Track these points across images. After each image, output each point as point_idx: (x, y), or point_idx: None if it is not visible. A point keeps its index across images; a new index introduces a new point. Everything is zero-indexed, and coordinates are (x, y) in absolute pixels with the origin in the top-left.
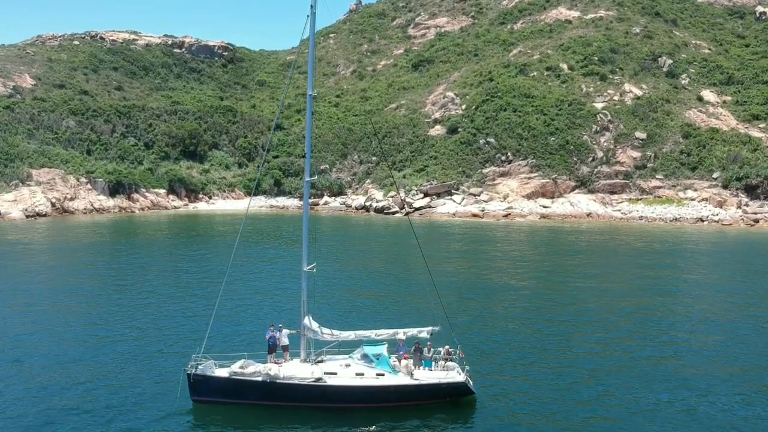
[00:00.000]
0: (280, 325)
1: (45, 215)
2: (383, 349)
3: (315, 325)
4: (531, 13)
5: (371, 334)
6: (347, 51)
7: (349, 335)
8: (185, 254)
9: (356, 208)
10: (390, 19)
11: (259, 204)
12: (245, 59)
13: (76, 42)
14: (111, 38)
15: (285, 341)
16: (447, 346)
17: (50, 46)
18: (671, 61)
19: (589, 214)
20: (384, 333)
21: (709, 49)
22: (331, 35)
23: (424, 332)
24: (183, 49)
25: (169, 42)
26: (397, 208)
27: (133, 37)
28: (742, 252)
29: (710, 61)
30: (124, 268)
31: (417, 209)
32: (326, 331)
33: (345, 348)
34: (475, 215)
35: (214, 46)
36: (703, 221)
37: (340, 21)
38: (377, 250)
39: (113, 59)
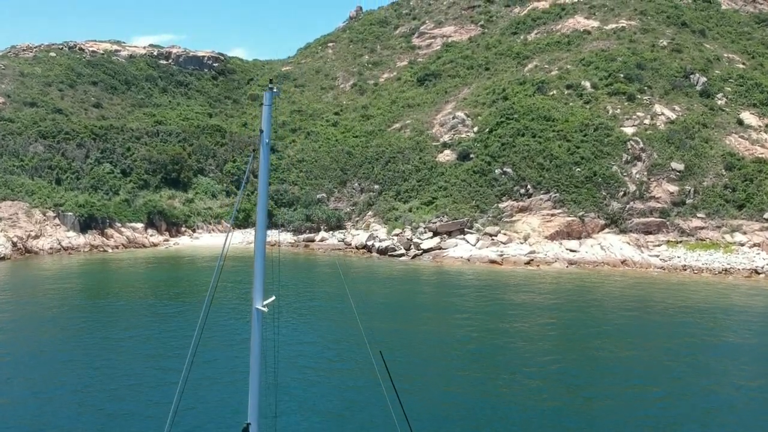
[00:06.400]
0: None
1: (3, 258)
2: None
3: None
4: (545, 22)
5: None
6: (347, 62)
7: None
8: (145, 330)
9: (356, 248)
10: (393, 27)
11: (248, 240)
12: (237, 70)
13: (53, 54)
14: (91, 49)
15: None
16: None
17: (24, 59)
18: (705, 79)
19: (623, 261)
20: None
21: (744, 63)
22: (330, 44)
23: None
24: (170, 60)
25: (155, 53)
26: (403, 250)
27: (115, 47)
28: None
29: (747, 78)
30: (55, 359)
31: (426, 251)
32: None
33: None
34: (492, 261)
35: (204, 56)
36: (758, 273)
37: (339, 29)
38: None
39: (92, 72)
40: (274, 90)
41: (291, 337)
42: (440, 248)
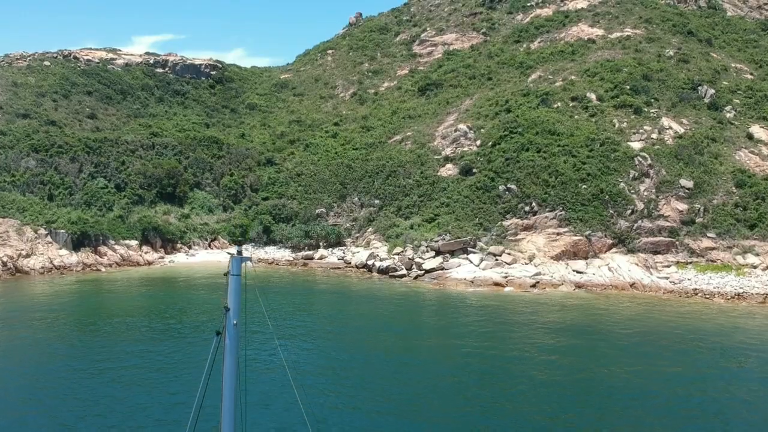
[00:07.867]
0: None
1: None
2: None
3: None
4: (549, 30)
5: None
6: (346, 70)
7: None
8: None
9: (357, 267)
10: (393, 34)
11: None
12: (235, 79)
13: (47, 62)
14: (86, 57)
15: None
16: None
17: (17, 68)
18: (713, 91)
19: (632, 284)
20: None
21: (752, 74)
22: (329, 51)
23: None
24: (166, 69)
25: (151, 61)
26: (405, 270)
27: (111, 56)
28: None
29: (756, 90)
30: (46, 389)
31: (428, 271)
32: None
33: None
34: (497, 284)
35: (201, 64)
36: None
37: (339, 36)
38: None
39: (87, 82)
40: (244, 254)
41: None
42: (443, 268)
